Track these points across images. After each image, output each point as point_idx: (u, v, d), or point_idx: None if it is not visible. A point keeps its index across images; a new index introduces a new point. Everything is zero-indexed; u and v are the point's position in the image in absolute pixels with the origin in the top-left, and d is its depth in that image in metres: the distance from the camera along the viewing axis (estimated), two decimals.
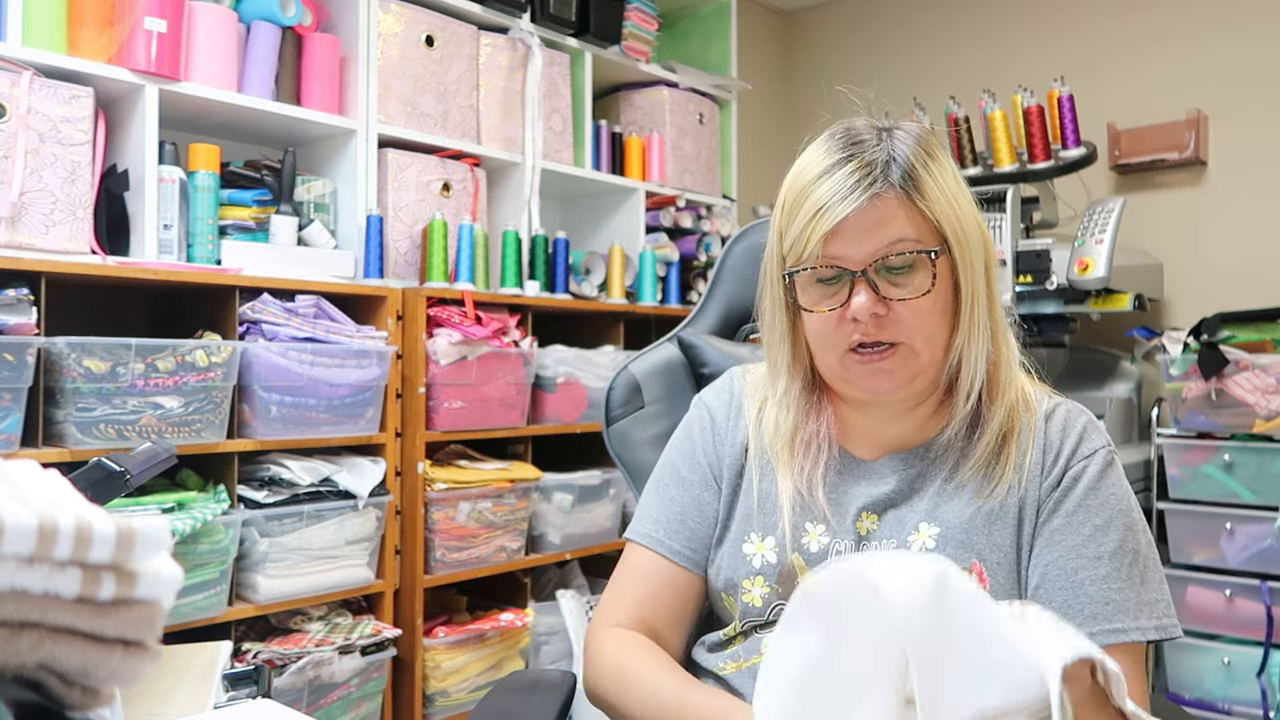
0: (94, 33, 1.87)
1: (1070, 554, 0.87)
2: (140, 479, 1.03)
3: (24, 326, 1.59)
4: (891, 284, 0.87)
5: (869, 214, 0.86)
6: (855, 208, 0.85)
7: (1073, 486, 0.90)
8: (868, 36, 3.77)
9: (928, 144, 0.91)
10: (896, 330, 0.87)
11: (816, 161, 0.90)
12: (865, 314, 0.86)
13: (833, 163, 0.88)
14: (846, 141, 0.90)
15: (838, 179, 0.87)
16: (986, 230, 0.92)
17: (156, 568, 0.40)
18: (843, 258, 0.87)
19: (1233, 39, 2.94)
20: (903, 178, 0.87)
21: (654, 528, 1.02)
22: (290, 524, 1.89)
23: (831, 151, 0.90)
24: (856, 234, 0.86)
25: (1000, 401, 0.92)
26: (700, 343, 1.29)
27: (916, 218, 0.87)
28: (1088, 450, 0.92)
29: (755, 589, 0.94)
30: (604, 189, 2.86)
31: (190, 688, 1.11)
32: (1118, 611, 0.85)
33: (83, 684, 0.40)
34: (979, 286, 0.90)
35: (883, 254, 0.86)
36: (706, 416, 1.06)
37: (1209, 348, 2.33)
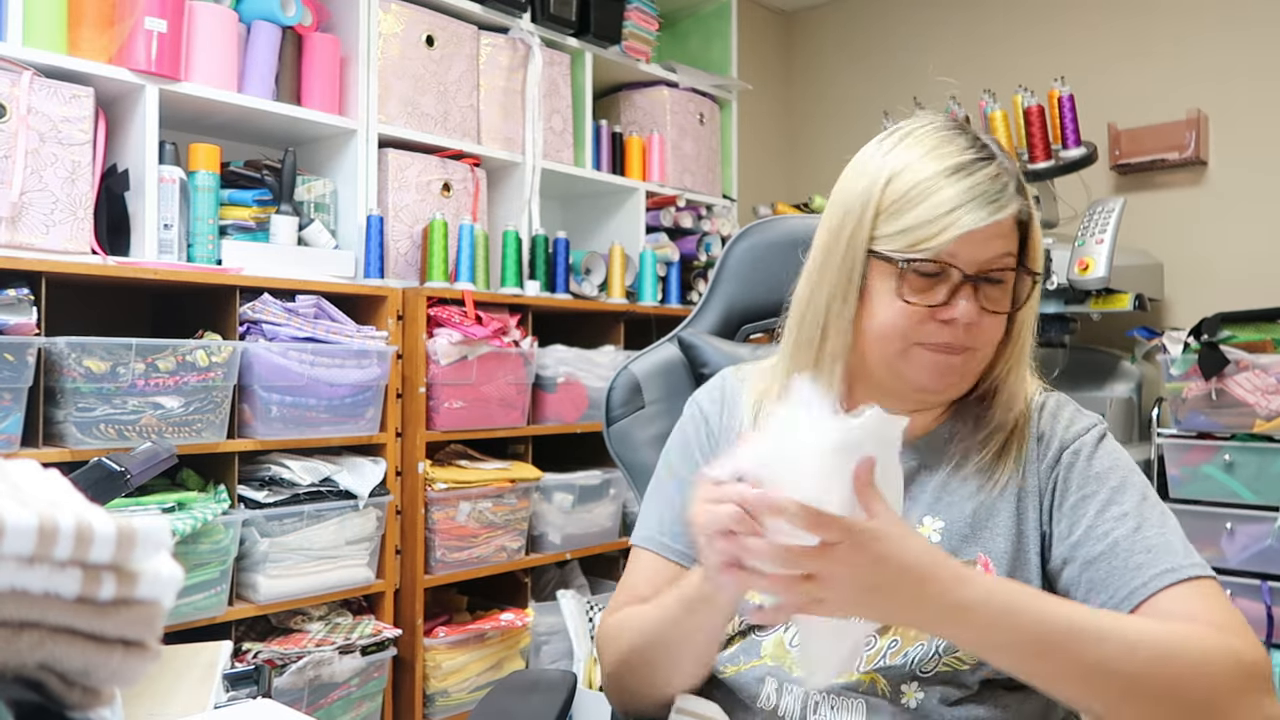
0: (94, 33, 1.87)
1: (1097, 521, 0.87)
2: (140, 479, 1.03)
3: (24, 326, 1.59)
4: (985, 295, 0.88)
5: (1000, 225, 0.86)
6: (996, 219, 0.84)
7: (1074, 462, 0.91)
8: (868, 36, 3.77)
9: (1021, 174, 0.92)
10: (976, 337, 0.88)
11: (941, 153, 0.87)
12: (968, 319, 0.86)
13: (967, 161, 0.86)
14: (965, 145, 0.87)
15: (978, 181, 0.85)
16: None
17: (157, 568, 0.40)
18: (960, 259, 0.86)
19: (1233, 39, 2.94)
20: (1023, 206, 0.88)
21: (656, 530, 1.02)
22: (290, 524, 1.89)
23: (959, 148, 0.87)
24: (982, 241, 0.85)
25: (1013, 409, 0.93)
26: (701, 343, 1.29)
27: (1017, 240, 0.88)
28: (1080, 429, 0.93)
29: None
30: (604, 189, 2.86)
31: (190, 688, 1.11)
32: (1163, 553, 0.83)
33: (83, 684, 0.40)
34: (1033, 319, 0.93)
35: (994, 265, 0.87)
36: (699, 416, 1.06)
37: (1209, 348, 2.33)
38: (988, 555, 0.89)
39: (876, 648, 0.89)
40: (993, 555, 0.89)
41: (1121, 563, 0.84)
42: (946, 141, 0.88)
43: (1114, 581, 0.84)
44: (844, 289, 0.90)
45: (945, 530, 0.90)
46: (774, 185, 3.89)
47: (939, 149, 0.87)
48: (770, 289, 1.32)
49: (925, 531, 0.91)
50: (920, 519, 0.92)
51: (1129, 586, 0.82)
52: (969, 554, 0.89)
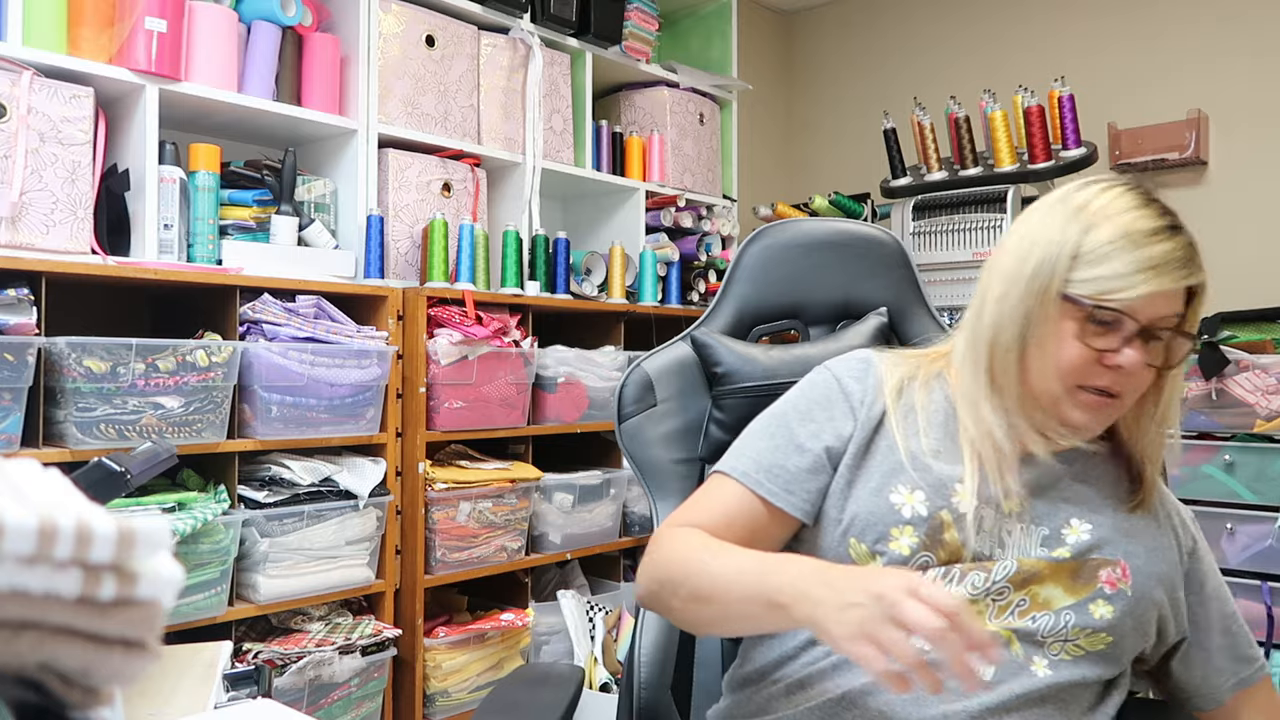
0: (94, 33, 1.87)
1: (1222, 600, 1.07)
2: (141, 479, 1.03)
3: (24, 326, 1.59)
4: (1145, 349, 0.93)
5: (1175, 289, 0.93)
6: (1186, 284, 0.92)
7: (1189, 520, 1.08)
8: (868, 36, 3.77)
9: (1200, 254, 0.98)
10: (1126, 385, 0.94)
11: (1144, 214, 0.94)
12: (1135, 368, 0.92)
13: (1165, 226, 0.93)
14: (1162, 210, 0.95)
15: (1176, 247, 0.92)
16: None
17: (157, 568, 0.40)
18: (1140, 313, 0.92)
19: (1233, 39, 2.94)
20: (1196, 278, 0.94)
21: (751, 466, 1.03)
22: (291, 524, 1.89)
23: (1156, 213, 0.94)
24: (1163, 300, 0.92)
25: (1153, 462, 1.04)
26: (713, 342, 1.30)
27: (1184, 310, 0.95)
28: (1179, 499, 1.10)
29: (904, 538, 0.97)
30: (604, 189, 2.86)
31: (191, 688, 1.11)
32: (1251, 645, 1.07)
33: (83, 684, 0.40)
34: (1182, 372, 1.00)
35: (1162, 324, 0.93)
36: (834, 383, 1.07)
37: (1210, 348, 2.33)
38: (1128, 562, 0.98)
39: (1007, 600, 0.96)
40: (1132, 563, 0.99)
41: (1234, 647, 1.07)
42: (1145, 204, 0.95)
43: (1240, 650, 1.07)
44: (1025, 321, 0.96)
45: (1093, 533, 0.99)
46: (774, 185, 3.89)
47: (1141, 209, 0.94)
48: (783, 291, 1.33)
49: (1075, 532, 0.99)
50: (1069, 519, 0.99)
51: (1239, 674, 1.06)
52: (1113, 555, 0.98)
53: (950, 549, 0.97)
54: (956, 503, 0.98)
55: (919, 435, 1.03)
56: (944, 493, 0.98)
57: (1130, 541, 1.00)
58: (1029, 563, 0.96)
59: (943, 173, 2.87)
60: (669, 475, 1.28)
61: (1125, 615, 0.96)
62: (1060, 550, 0.97)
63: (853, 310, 1.33)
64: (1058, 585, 0.96)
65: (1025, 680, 0.93)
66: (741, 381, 1.26)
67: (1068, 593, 0.96)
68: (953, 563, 0.97)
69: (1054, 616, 0.95)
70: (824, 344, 1.29)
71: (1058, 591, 0.96)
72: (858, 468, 1.02)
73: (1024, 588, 0.96)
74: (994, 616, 0.95)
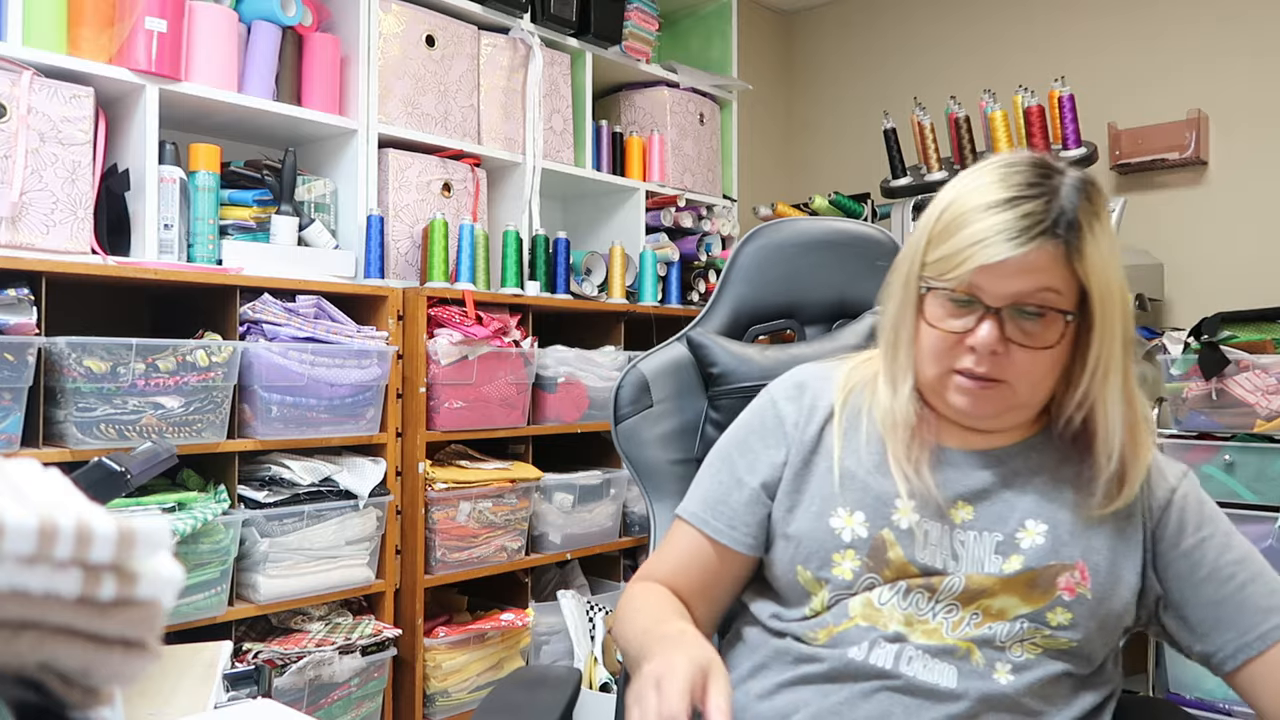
0: (94, 33, 1.87)
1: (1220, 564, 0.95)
2: (141, 479, 1.03)
3: (24, 326, 1.59)
4: (1018, 327, 0.89)
5: (1024, 259, 0.88)
6: (1016, 255, 0.87)
7: (1185, 505, 0.97)
8: (868, 36, 3.77)
9: (1096, 201, 0.92)
10: (1005, 369, 0.90)
11: (985, 190, 0.90)
12: (985, 349, 0.89)
13: (1003, 199, 0.89)
14: (1021, 181, 0.90)
15: (1007, 219, 0.87)
16: (1129, 299, 0.95)
17: (157, 568, 0.40)
18: (984, 290, 0.89)
19: (1233, 39, 2.94)
20: (1065, 229, 0.88)
21: (700, 508, 1.06)
22: (291, 524, 1.89)
23: (1004, 185, 0.90)
24: (1006, 275, 0.88)
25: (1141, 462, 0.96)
26: (709, 342, 1.29)
27: (1067, 275, 0.89)
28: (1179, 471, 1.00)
29: (846, 562, 0.96)
30: (604, 189, 2.86)
31: (191, 687, 1.11)
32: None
33: (83, 684, 0.40)
34: (1114, 350, 0.92)
35: (1023, 299, 0.88)
36: (770, 405, 1.08)
37: (1210, 348, 2.33)
38: (1087, 563, 0.94)
39: (959, 616, 0.93)
40: (1090, 564, 0.94)
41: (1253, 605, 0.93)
42: (1009, 174, 0.91)
43: (1243, 621, 0.93)
44: (900, 310, 0.97)
45: (1049, 534, 0.95)
46: (774, 185, 3.89)
47: (998, 182, 0.91)
48: (778, 291, 1.33)
49: (1030, 535, 0.95)
50: (1023, 521, 0.96)
51: (1261, 628, 0.93)
52: (1071, 559, 0.94)
53: (896, 567, 0.95)
54: (898, 519, 0.96)
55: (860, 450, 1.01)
56: (884, 511, 0.97)
57: (1092, 536, 0.95)
58: (977, 579, 0.93)
59: (943, 173, 2.87)
60: (666, 476, 1.28)
61: (1087, 619, 0.93)
62: (1013, 560, 0.93)
63: (849, 309, 1.33)
64: (1012, 596, 0.93)
65: (989, 688, 0.91)
66: (737, 382, 1.26)
67: (1024, 601, 0.93)
68: (900, 579, 0.95)
69: (1010, 624, 0.93)
70: (820, 344, 1.29)
71: (1012, 601, 0.93)
72: (797, 492, 1.02)
73: (973, 603, 0.93)
74: (950, 631, 0.93)
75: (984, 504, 0.97)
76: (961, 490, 0.97)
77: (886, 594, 0.95)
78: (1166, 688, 2.46)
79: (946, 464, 0.99)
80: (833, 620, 0.97)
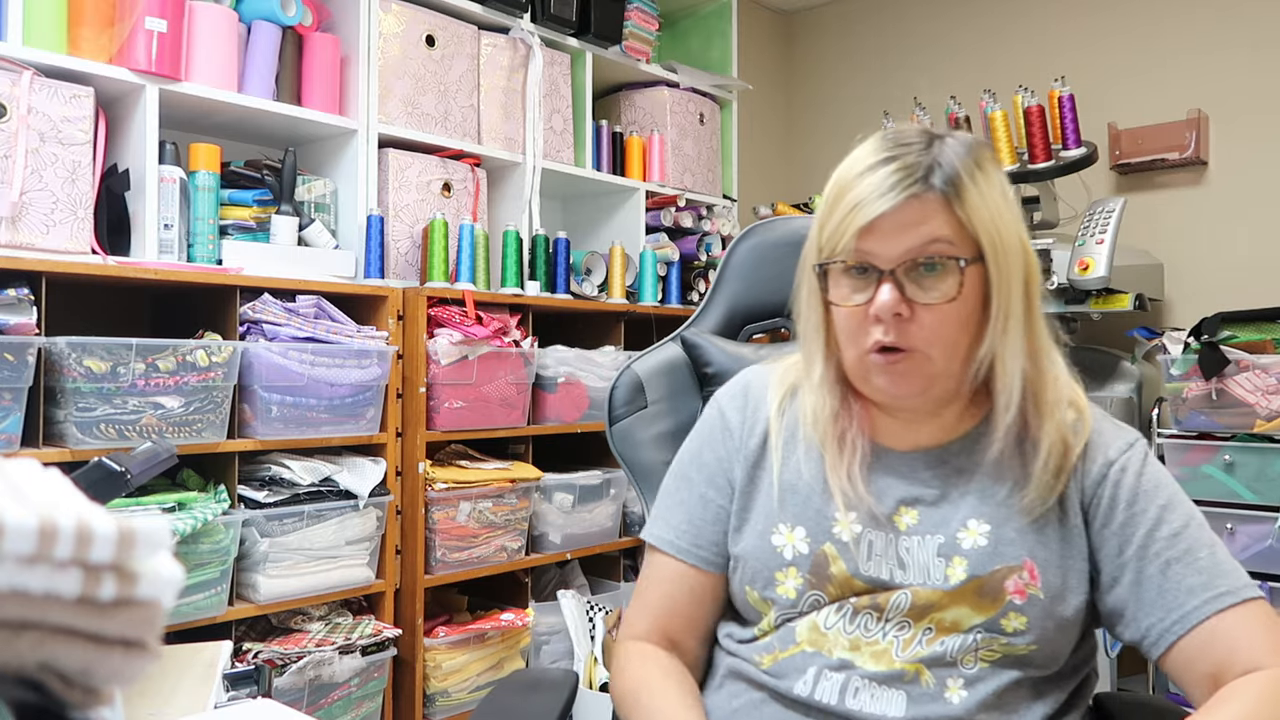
0: (94, 32, 1.87)
1: (1147, 541, 0.89)
2: (141, 479, 1.03)
3: (24, 326, 1.59)
4: (919, 286, 0.87)
5: (905, 213, 0.86)
6: (891, 206, 0.85)
7: (1121, 479, 0.92)
8: (868, 36, 3.77)
9: (979, 154, 0.90)
10: (915, 336, 0.87)
11: (861, 159, 0.90)
12: (887, 312, 0.86)
13: (876, 161, 0.88)
14: (894, 143, 0.89)
15: (879, 176, 0.87)
16: (1031, 248, 0.91)
17: (157, 568, 0.40)
18: (874, 254, 0.87)
19: (1233, 39, 2.94)
20: (945, 182, 0.86)
21: (664, 530, 1.04)
22: (291, 524, 1.89)
23: (877, 151, 0.89)
24: (890, 232, 0.86)
25: (1051, 418, 0.92)
26: (704, 342, 1.29)
27: (954, 223, 0.87)
28: (1124, 444, 0.94)
29: (789, 580, 0.94)
30: (604, 189, 2.86)
31: (191, 687, 1.11)
32: (1216, 575, 0.87)
33: (83, 684, 0.40)
34: (1014, 301, 0.88)
35: (914, 254, 0.86)
36: (717, 414, 1.06)
37: (1209, 348, 2.33)
38: (1034, 561, 0.90)
39: (910, 633, 0.90)
40: (1038, 561, 0.90)
41: (1174, 584, 0.87)
42: (870, 147, 0.90)
43: (1167, 601, 0.87)
44: (808, 299, 0.95)
45: (992, 535, 0.91)
46: (774, 185, 3.89)
47: (860, 157, 0.90)
48: (773, 289, 1.32)
49: (972, 535, 0.91)
50: (965, 522, 0.92)
51: (1184, 609, 0.87)
52: (1016, 559, 0.90)
53: (840, 582, 0.92)
54: (839, 533, 0.93)
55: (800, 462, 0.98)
56: (825, 525, 0.94)
57: (1038, 531, 0.91)
58: (924, 594, 0.90)
59: None
60: (661, 477, 1.27)
61: (1042, 620, 0.88)
62: (956, 564, 0.90)
63: None
64: (962, 607, 0.89)
65: (940, 711, 0.87)
66: None
67: (976, 611, 0.89)
68: (845, 596, 0.92)
69: (964, 636, 0.89)
70: None
71: (964, 612, 0.89)
72: (745, 510, 1.00)
73: (925, 618, 0.90)
74: (900, 651, 0.90)
75: (926, 507, 0.94)
76: (903, 494, 0.94)
77: (832, 617, 0.92)
78: (1166, 687, 2.46)
79: (886, 468, 0.96)
80: (779, 645, 0.94)
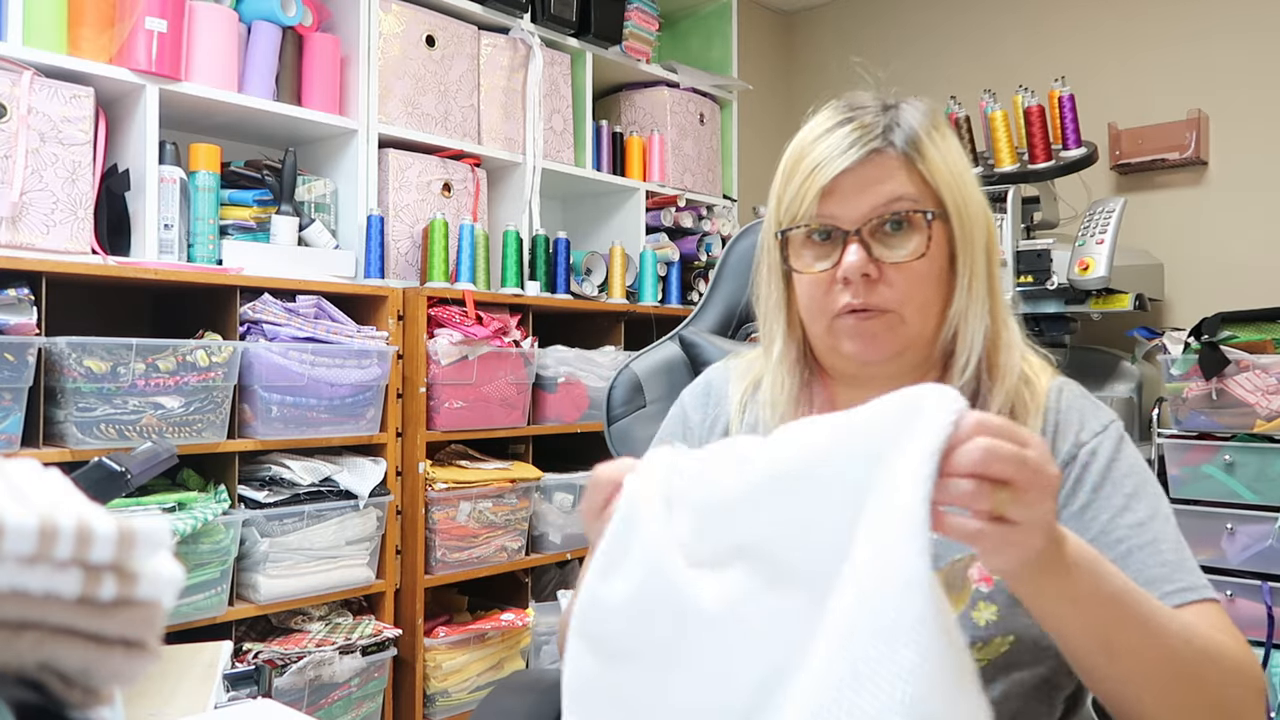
0: (94, 33, 1.87)
1: (1110, 527, 0.84)
2: (141, 479, 1.03)
3: (24, 326, 1.59)
4: (885, 246, 0.84)
5: (866, 171, 0.84)
6: (851, 163, 0.84)
7: (1091, 461, 0.87)
8: (868, 36, 3.77)
9: (935, 117, 0.89)
10: (887, 296, 0.84)
11: (817, 124, 0.89)
12: (855, 274, 0.83)
13: (833, 124, 0.87)
14: (849, 106, 0.88)
15: (837, 137, 0.85)
16: (989, 210, 0.90)
17: (157, 568, 0.40)
18: (836, 216, 0.85)
19: (1233, 39, 2.94)
20: (905, 141, 0.85)
21: None
22: (291, 524, 1.89)
23: (833, 115, 0.88)
24: (852, 191, 0.84)
25: (1001, 384, 0.88)
26: (702, 341, 1.29)
27: (916, 179, 0.85)
28: (1098, 425, 0.89)
29: None
30: (604, 189, 2.86)
31: (191, 687, 1.11)
32: (1177, 570, 0.82)
33: (83, 684, 0.40)
34: (978, 260, 0.87)
35: (878, 213, 0.84)
36: (680, 412, 1.04)
37: (1210, 348, 2.33)
38: None
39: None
40: None
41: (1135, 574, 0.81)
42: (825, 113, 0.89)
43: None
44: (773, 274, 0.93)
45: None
46: None
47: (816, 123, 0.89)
48: None
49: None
50: None
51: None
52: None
53: None
54: None
55: None
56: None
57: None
58: None
59: None
60: None
61: (1013, 605, 0.82)
62: None
63: None
64: None
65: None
66: None
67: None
68: None
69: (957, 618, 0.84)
70: None
71: None
72: None
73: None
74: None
75: None
76: None
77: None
78: None
79: None
80: None
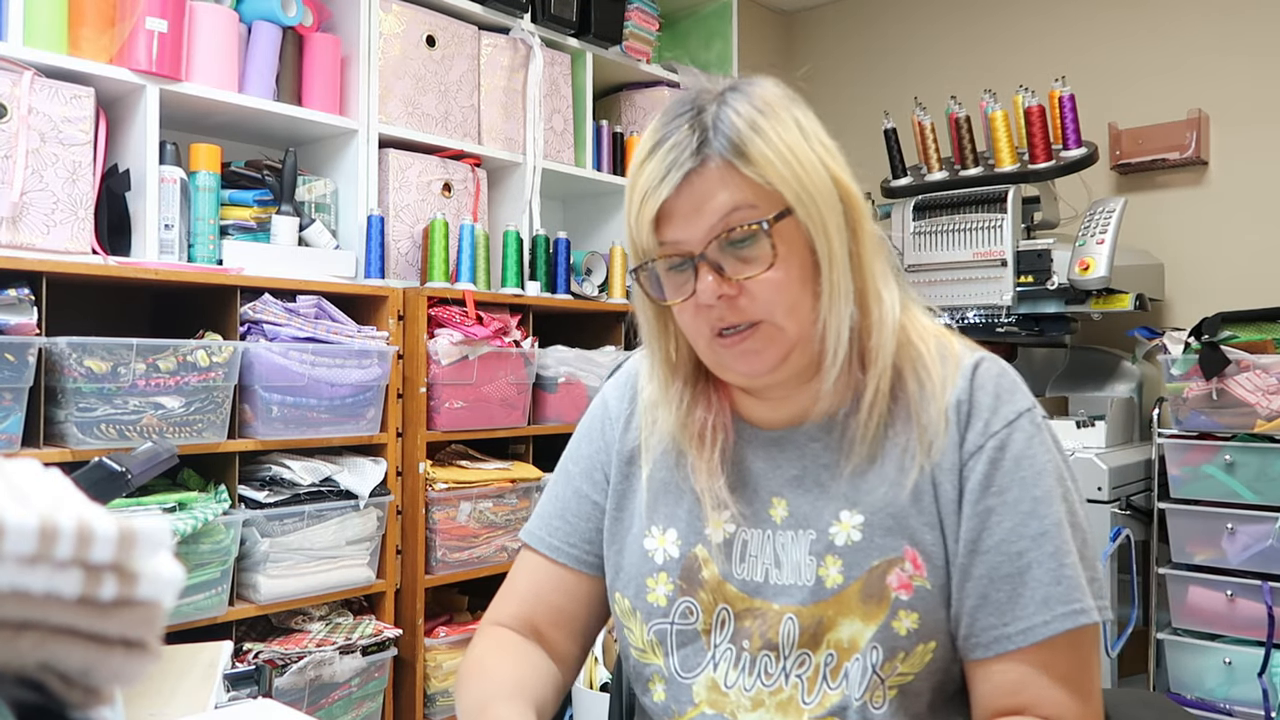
0: (95, 33, 1.87)
1: (1012, 536, 0.79)
2: (141, 479, 1.03)
3: (25, 326, 1.59)
4: (738, 260, 0.80)
5: (693, 189, 0.79)
6: (671, 190, 0.79)
7: (1000, 457, 0.81)
8: (868, 36, 3.77)
9: (764, 98, 0.83)
10: (752, 309, 0.80)
11: (640, 148, 0.84)
12: (711, 298, 0.79)
13: (649, 148, 0.82)
14: (664, 120, 0.83)
15: (654, 163, 0.81)
16: (848, 183, 0.83)
17: (158, 568, 0.40)
18: (680, 241, 0.81)
19: (1233, 39, 2.94)
20: (724, 146, 0.79)
21: (538, 525, 0.99)
22: (291, 524, 1.89)
23: (651, 135, 0.83)
24: (685, 215, 0.80)
25: (873, 369, 0.84)
26: None
27: (746, 186, 0.79)
28: (1011, 413, 0.83)
29: (659, 587, 0.88)
30: (605, 189, 2.86)
31: (191, 688, 1.11)
32: (1073, 590, 0.78)
33: (84, 684, 0.40)
34: (835, 245, 0.81)
35: (716, 231, 0.79)
36: (600, 404, 1.00)
37: (1210, 347, 2.33)
38: (916, 549, 0.81)
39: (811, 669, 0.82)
40: (921, 549, 0.81)
41: (1032, 592, 0.78)
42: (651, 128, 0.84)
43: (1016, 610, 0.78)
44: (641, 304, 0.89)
45: (866, 525, 0.82)
46: None
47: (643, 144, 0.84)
48: None
49: (845, 529, 0.83)
50: (837, 514, 0.84)
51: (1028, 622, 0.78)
52: (896, 550, 0.81)
53: (711, 588, 0.86)
54: (710, 534, 0.87)
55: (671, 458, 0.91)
56: (697, 525, 0.88)
57: (915, 514, 0.82)
58: (808, 612, 0.82)
59: (943, 173, 2.87)
60: None
61: (934, 612, 0.80)
62: (829, 563, 0.82)
63: None
64: (852, 619, 0.80)
65: None
66: None
67: (865, 620, 0.80)
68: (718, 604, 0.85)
69: (862, 658, 0.80)
70: None
71: (855, 625, 0.80)
72: (619, 509, 0.94)
73: (820, 643, 0.81)
74: (806, 696, 0.81)
75: (798, 495, 0.86)
76: (773, 484, 0.87)
77: (732, 674, 0.84)
78: (1167, 687, 2.46)
79: (756, 452, 0.89)
80: (676, 707, 0.86)
